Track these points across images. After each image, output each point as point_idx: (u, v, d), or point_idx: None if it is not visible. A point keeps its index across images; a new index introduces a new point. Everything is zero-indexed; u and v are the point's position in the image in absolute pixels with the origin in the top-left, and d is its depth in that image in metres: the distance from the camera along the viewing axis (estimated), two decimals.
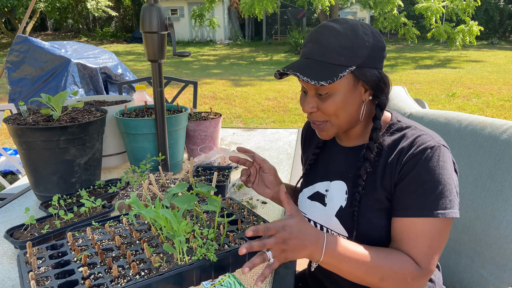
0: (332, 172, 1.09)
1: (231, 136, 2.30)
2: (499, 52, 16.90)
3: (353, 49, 0.91)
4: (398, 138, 0.97)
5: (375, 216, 0.97)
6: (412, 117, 1.54)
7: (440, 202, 0.89)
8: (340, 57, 0.91)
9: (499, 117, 6.30)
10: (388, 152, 0.97)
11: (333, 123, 0.99)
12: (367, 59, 0.92)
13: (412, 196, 0.91)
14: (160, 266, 0.90)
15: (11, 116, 1.44)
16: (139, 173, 1.49)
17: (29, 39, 5.03)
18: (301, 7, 19.09)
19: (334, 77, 0.89)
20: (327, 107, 0.95)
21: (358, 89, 0.96)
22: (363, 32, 0.92)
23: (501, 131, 1.25)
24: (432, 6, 13.38)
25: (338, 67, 0.91)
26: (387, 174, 0.95)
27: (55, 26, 28.97)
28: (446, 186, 0.90)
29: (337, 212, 1.03)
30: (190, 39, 22.86)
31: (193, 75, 10.76)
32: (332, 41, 0.91)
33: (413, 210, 0.90)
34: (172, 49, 1.51)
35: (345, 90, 0.94)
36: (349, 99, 0.95)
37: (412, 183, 0.91)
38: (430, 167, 0.90)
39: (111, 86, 5.44)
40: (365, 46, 0.92)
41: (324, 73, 0.90)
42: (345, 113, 0.97)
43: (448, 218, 0.90)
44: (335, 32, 0.92)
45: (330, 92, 0.94)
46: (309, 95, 0.98)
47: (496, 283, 1.21)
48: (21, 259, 0.95)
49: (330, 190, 1.07)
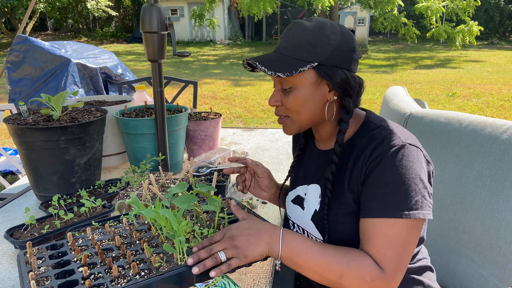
0: (310, 175, 1.08)
1: (231, 136, 2.30)
2: (499, 52, 16.90)
3: (315, 45, 0.92)
4: (368, 140, 0.95)
5: (346, 219, 0.96)
6: (412, 117, 1.54)
7: (404, 203, 0.86)
8: (302, 52, 0.92)
9: (499, 117, 6.29)
10: (357, 154, 0.95)
11: (294, 119, 1.00)
12: (330, 57, 0.92)
13: (375, 196, 0.89)
14: (160, 266, 0.90)
15: (11, 116, 1.44)
16: (139, 173, 1.49)
17: (29, 39, 5.04)
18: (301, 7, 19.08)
19: (294, 70, 0.91)
20: (288, 101, 0.97)
21: (321, 87, 0.95)
22: (331, 30, 0.93)
23: (501, 131, 1.25)
24: (432, 6, 13.38)
25: (300, 61, 0.92)
26: (353, 176, 0.94)
27: (55, 26, 28.98)
28: (410, 186, 0.86)
29: (312, 216, 1.03)
30: (190, 39, 22.86)
31: (193, 75, 10.76)
32: (298, 37, 0.93)
33: (376, 211, 0.88)
34: (172, 49, 1.51)
35: (307, 86, 0.95)
36: (310, 96, 0.96)
37: (375, 183, 0.89)
38: (392, 167, 0.87)
39: (111, 86, 5.44)
40: (330, 44, 0.92)
41: (285, 66, 0.92)
42: (306, 110, 0.97)
43: (414, 220, 0.87)
44: (302, 28, 0.94)
45: (293, 87, 0.96)
46: (276, 89, 1.00)
47: (497, 283, 1.21)
48: (21, 259, 0.95)
49: (308, 193, 1.07)
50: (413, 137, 0.95)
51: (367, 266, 0.86)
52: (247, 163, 1.15)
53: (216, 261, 0.89)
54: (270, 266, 1.06)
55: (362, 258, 0.88)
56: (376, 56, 15.63)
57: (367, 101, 7.53)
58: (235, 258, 0.90)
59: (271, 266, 1.06)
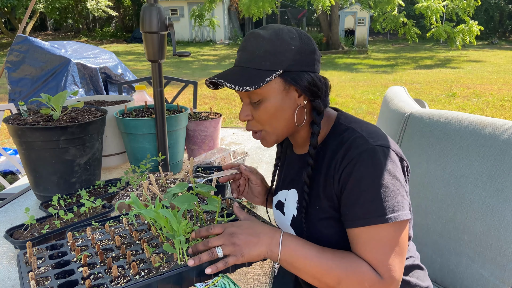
0: (289, 180, 1.09)
1: (231, 136, 2.30)
2: (499, 52, 16.89)
3: (276, 53, 0.90)
4: (338, 144, 0.94)
5: (322, 225, 0.95)
6: (412, 117, 1.54)
7: (385, 206, 0.85)
8: (265, 62, 0.90)
9: (499, 117, 6.29)
10: (329, 159, 0.94)
11: (268, 131, 0.98)
12: (293, 63, 0.91)
13: (355, 205, 0.88)
14: (160, 266, 0.90)
15: (11, 116, 1.44)
16: (139, 173, 1.49)
17: (29, 39, 5.04)
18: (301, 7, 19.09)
19: (260, 82, 0.89)
20: (260, 114, 0.95)
21: (290, 94, 0.94)
22: (288, 36, 0.92)
23: (501, 131, 1.25)
24: (432, 5, 13.38)
25: (264, 72, 0.90)
26: (327, 183, 0.93)
27: (55, 26, 28.98)
28: (388, 188, 0.86)
29: (291, 221, 1.03)
30: (190, 39, 22.86)
31: (193, 75, 10.75)
32: (256, 47, 0.91)
33: (359, 220, 0.87)
34: (172, 49, 1.51)
35: (276, 95, 0.93)
36: (281, 105, 0.94)
37: (352, 192, 0.88)
38: (366, 172, 0.86)
39: (111, 86, 5.44)
40: (291, 49, 0.91)
41: (250, 79, 0.90)
42: (279, 120, 0.96)
43: (399, 222, 0.86)
44: (259, 38, 0.92)
45: (262, 99, 0.94)
46: (244, 103, 0.98)
47: (497, 283, 1.21)
48: (21, 259, 0.94)
49: (287, 198, 1.07)
50: (382, 135, 0.93)
51: (365, 272, 0.85)
52: (241, 170, 1.16)
53: (212, 256, 0.89)
54: (270, 266, 1.06)
55: (359, 263, 0.86)
56: (376, 56, 15.63)
57: (367, 101, 7.53)
58: (232, 256, 0.89)
59: (271, 266, 1.05)
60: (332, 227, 0.95)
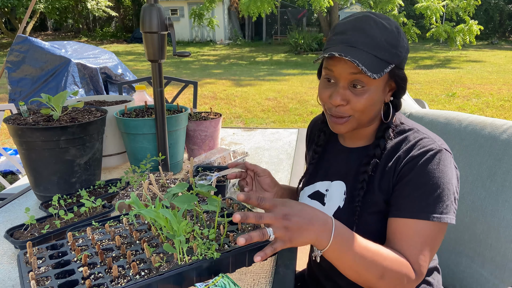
0: (333, 172, 1.08)
1: (231, 136, 2.30)
2: (499, 52, 16.89)
3: (397, 47, 0.90)
4: (400, 141, 0.96)
5: (372, 219, 0.96)
6: (412, 117, 1.54)
7: (437, 206, 0.87)
8: (385, 52, 0.89)
9: (499, 117, 6.29)
10: (388, 155, 0.95)
11: (357, 118, 0.95)
12: (403, 60, 0.93)
13: (409, 197, 0.89)
14: (160, 266, 0.90)
15: (11, 116, 1.44)
16: (139, 173, 1.49)
17: (29, 39, 5.04)
18: (301, 7, 19.09)
19: (381, 71, 0.88)
20: (359, 101, 0.92)
21: (386, 88, 0.96)
22: (403, 33, 0.93)
23: (501, 131, 1.25)
24: (431, 5, 13.38)
25: (382, 62, 0.89)
26: (385, 177, 0.94)
27: (55, 26, 28.98)
28: (444, 190, 0.88)
29: (334, 212, 1.03)
30: (190, 39, 22.86)
31: (193, 75, 10.75)
32: (378, 35, 0.89)
33: (409, 212, 0.89)
34: (172, 49, 1.51)
35: (379, 87, 0.93)
36: (379, 97, 0.94)
37: (410, 184, 0.90)
38: (429, 170, 0.89)
39: (111, 86, 5.44)
40: (404, 47, 0.93)
41: (372, 65, 0.87)
42: (372, 111, 0.95)
43: (443, 223, 0.89)
44: (381, 25, 0.89)
45: (367, 87, 0.91)
46: (341, 86, 0.92)
47: (496, 283, 1.21)
48: (21, 259, 0.95)
49: (330, 190, 1.06)
50: (444, 142, 0.96)
51: (407, 268, 0.87)
52: (246, 165, 1.14)
53: (262, 237, 0.79)
54: (270, 266, 1.06)
55: (403, 260, 0.87)
56: None
57: None
58: (280, 241, 0.80)
59: (271, 266, 1.06)
60: (380, 221, 0.95)
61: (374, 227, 0.96)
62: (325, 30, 17.76)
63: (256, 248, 1.01)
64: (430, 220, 0.87)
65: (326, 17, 17.18)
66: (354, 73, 0.89)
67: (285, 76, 10.82)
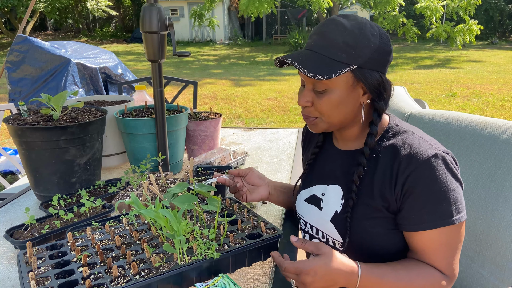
0: (329, 175, 1.07)
1: (231, 136, 2.30)
2: (499, 52, 16.89)
3: (356, 47, 0.88)
4: (396, 145, 0.94)
5: (370, 224, 0.95)
6: (412, 117, 1.54)
7: (452, 209, 0.88)
8: (342, 53, 0.88)
9: (499, 117, 6.29)
10: (386, 159, 0.94)
11: (324, 120, 0.97)
12: (369, 60, 0.90)
13: (424, 210, 0.89)
14: (160, 266, 0.90)
15: (11, 116, 1.44)
16: (139, 173, 1.49)
17: (29, 39, 5.04)
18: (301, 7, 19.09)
19: (333, 73, 0.87)
20: (321, 104, 0.94)
21: (356, 90, 0.93)
22: (371, 32, 0.90)
23: (501, 131, 1.25)
24: (431, 5, 13.39)
25: (338, 63, 0.88)
26: (386, 183, 0.92)
27: (55, 26, 28.97)
28: (454, 191, 0.89)
29: (332, 217, 1.02)
30: (190, 39, 22.86)
31: (193, 75, 10.75)
32: (336, 36, 0.88)
33: (428, 223, 0.89)
34: (172, 49, 1.51)
35: (342, 89, 0.92)
36: (345, 99, 0.93)
37: (421, 196, 0.89)
38: (436, 178, 0.88)
39: (111, 86, 5.44)
40: (370, 46, 0.89)
41: (323, 67, 0.88)
42: (338, 113, 0.95)
43: (462, 222, 0.90)
44: (341, 27, 0.89)
45: (328, 89, 0.92)
46: (306, 89, 0.96)
47: (496, 283, 1.21)
48: (21, 259, 0.95)
49: (326, 194, 1.05)
50: (439, 143, 0.95)
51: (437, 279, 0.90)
52: (230, 173, 1.19)
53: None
54: (270, 266, 1.06)
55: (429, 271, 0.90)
56: None
57: None
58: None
59: (271, 266, 1.06)
60: (380, 226, 0.95)
61: (373, 232, 0.95)
62: None
63: (256, 248, 1.01)
64: (449, 225, 0.88)
65: (326, 17, 17.19)
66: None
67: (285, 76, 10.82)
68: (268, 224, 1.10)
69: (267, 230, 1.07)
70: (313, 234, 1.10)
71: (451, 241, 0.90)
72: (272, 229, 1.07)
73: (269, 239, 1.03)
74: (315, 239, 1.09)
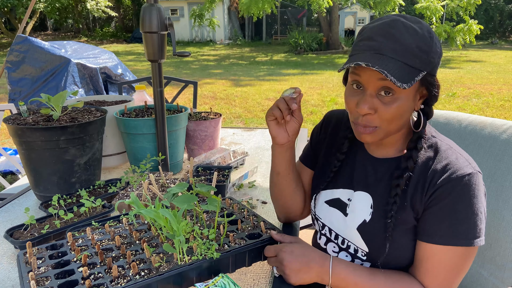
0: (357, 181, 1.01)
1: (231, 136, 2.30)
2: (499, 52, 16.89)
3: (429, 53, 0.84)
4: (432, 157, 0.90)
5: (401, 236, 0.92)
6: None
7: (470, 232, 0.85)
8: (416, 59, 0.83)
9: (499, 117, 6.30)
10: (421, 169, 0.90)
11: (384, 128, 0.89)
12: (436, 66, 0.87)
13: (443, 223, 0.86)
14: (160, 266, 0.90)
15: (11, 116, 1.44)
16: (139, 173, 1.49)
17: (29, 39, 5.04)
18: (301, 7, 19.09)
19: (412, 80, 0.81)
20: (388, 111, 0.86)
21: (417, 96, 0.89)
22: (435, 36, 0.86)
23: (501, 131, 1.25)
24: (430, 5, 13.39)
25: (413, 69, 0.83)
26: (417, 194, 0.89)
27: (55, 26, 28.98)
28: (478, 215, 0.86)
29: (359, 226, 0.97)
30: (190, 39, 22.87)
31: (193, 75, 10.75)
32: (409, 40, 0.82)
33: (441, 238, 0.87)
34: (172, 49, 1.51)
35: (409, 95, 0.86)
36: (408, 106, 0.88)
37: (445, 210, 0.86)
38: (465, 196, 0.85)
39: (111, 86, 5.44)
40: (437, 52, 0.86)
41: (402, 74, 0.81)
42: (400, 121, 0.89)
43: (474, 247, 0.87)
44: (412, 30, 0.82)
45: (397, 96, 0.85)
46: (369, 94, 0.87)
47: (496, 283, 1.21)
48: (21, 259, 0.95)
49: (353, 200, 1.00)
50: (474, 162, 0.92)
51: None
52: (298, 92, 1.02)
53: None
54: (270, 266, 1.06)
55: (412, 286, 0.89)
56: None
57: None
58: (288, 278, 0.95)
59: (271, 266, 1.05)
60: (408, 236, 0.93)
61: (403, 244, 0.93)
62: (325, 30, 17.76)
63: (256, 248, 1.01)
64: (462, 246, 0.86)
65: (326, 17, 17.18)
66: (383, 79, 0.83)
67: (285, 76, 10.82)
68: (268, 224, 1.10)
69: (267, 230, 1.07)
70: (331, 238, 1.07)
71: (455, 262, 0.87)
72: (272, 229, 1.08)
73: (269, 239, 1.03)
74: (332, 243, 1.07)
